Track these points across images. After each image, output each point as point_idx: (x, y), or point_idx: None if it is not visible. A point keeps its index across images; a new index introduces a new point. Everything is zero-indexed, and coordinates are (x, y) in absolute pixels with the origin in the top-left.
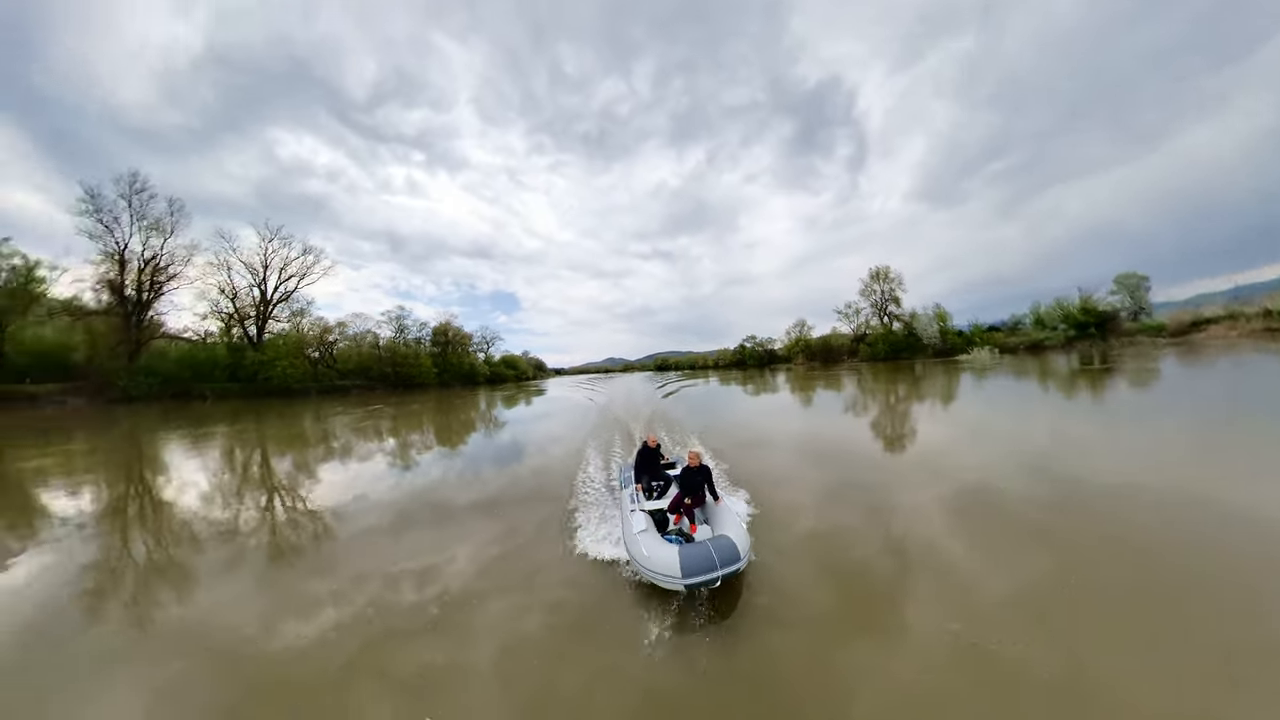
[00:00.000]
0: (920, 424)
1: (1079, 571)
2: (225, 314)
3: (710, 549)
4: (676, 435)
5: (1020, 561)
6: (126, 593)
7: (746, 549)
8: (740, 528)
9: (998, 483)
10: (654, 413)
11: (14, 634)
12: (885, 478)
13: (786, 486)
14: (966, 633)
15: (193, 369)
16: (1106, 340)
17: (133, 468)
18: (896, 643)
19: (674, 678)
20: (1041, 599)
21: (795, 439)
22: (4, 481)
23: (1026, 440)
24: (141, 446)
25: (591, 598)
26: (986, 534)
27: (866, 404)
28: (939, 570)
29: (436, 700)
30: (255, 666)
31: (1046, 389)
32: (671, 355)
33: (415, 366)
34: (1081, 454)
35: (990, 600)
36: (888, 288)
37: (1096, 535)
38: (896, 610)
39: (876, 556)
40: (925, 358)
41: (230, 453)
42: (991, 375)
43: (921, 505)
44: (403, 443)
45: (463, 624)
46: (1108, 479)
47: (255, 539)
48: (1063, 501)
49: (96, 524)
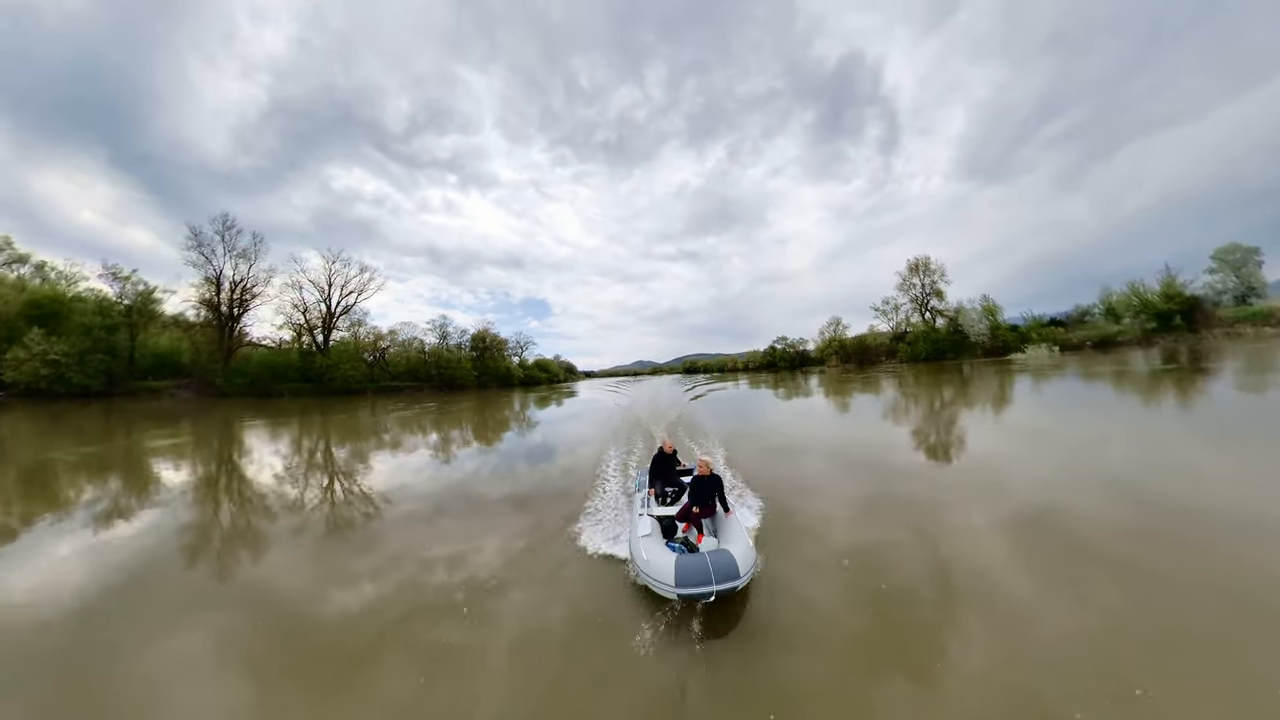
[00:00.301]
0: (965, 433)
1: (1159, 618)
2: (296, 325)
3: (708, 562)
4: (701, 442)
5: (1082, 597)
6: (211, 548)
7: (750, 567)
8: (746, 544)
9: (1049, 503)
10: (679, 416)
11: (123, 574)
12: (924, 492)
13: (814, 497)
14: (1017, 681)
15: (271, 371)
16: (1196, 332)
17: (228, 447)
18: (929, 685)
19: (652, 681)
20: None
21: (826, 446)
22: (137, 452)
23: (1089, 457)
24: (235, 431)
25: (595, 593)
26: (1040, 562)
27: (905, 410)
28: (980, 600)
29: (444, 672)
30: (303, 624)
31: (1119, 394)
32: (700, 358)
33: (458, 369)
34: (1163, 475)
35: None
36: (929, 280)
37: (1187, 576)
38: (933, 644)
39: (909, 581)
40: (973, 357)
41: (300, 439)
42: (1052, 377)
43: (963, 524)
44: (445, 437)
45: (473, 608)
46: (1199, 505)
47: (316, 512)
48: (1140, 529)
49: (198, 487)
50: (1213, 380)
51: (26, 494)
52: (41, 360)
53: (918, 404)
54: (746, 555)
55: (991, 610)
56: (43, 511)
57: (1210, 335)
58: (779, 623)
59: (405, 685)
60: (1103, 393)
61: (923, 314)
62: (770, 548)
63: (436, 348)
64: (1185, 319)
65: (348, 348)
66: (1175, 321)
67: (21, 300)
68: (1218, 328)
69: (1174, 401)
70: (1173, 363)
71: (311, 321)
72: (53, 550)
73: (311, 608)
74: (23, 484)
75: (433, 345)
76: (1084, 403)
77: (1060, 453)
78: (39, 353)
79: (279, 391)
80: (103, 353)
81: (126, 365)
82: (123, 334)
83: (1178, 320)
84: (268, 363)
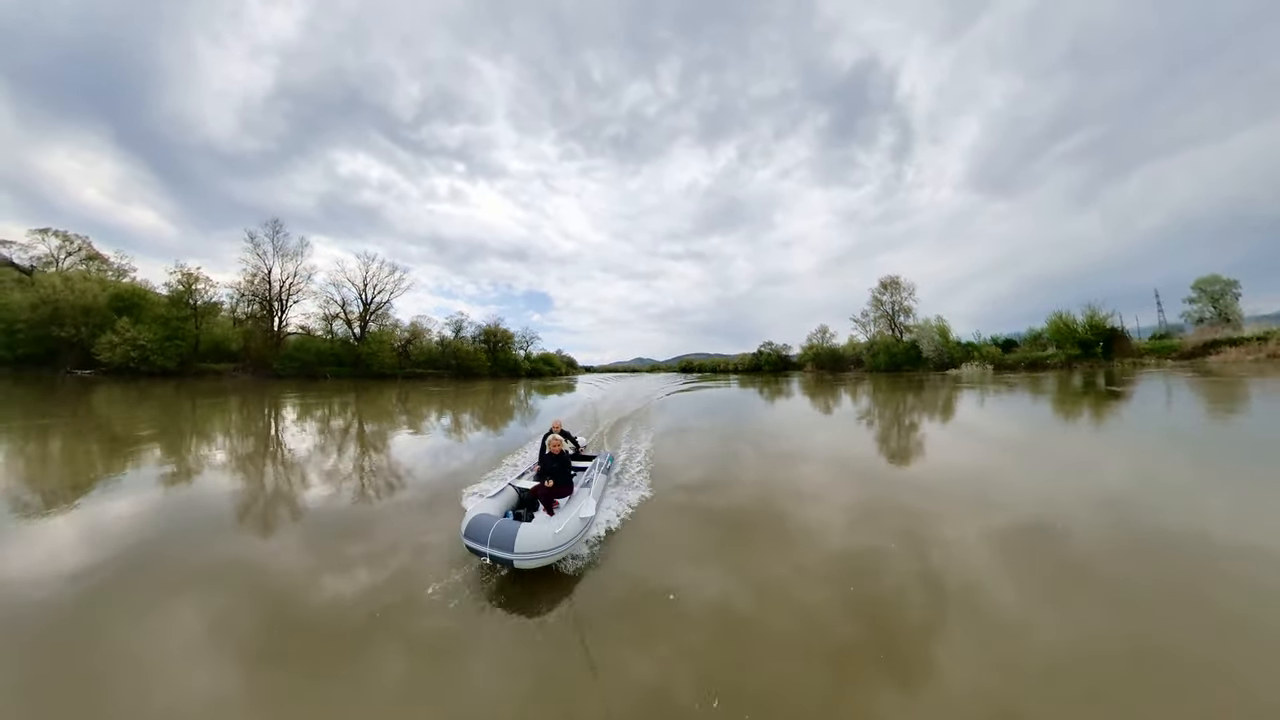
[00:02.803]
0: (883, 429)
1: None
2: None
3: (498, 528)
4: (640, 436)
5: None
6: (254, 510)
7: (545, 549)
8: (559, 528)
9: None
10: (634, 413)
11: (172, 532)
12: (819, 476)
13: (706, 493)
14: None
15: (317, 356)
16: (1111, 359)
17: (284, 418)
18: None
19: (424, 628)
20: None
21: (750, 444)
22: (204, 423)
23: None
24: (289, 405)
25: (439, 553)
26: (952, 547)
27: (835, 407)
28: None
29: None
30: (296, 606)
31: (1008, 399)
32: (700, 357)
33: (474, 360)
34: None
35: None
36: (898, 298)
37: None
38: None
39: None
40: (927, 370)
41: (346, 413)
42: (977, 390)
43: (857, 502)
44: (456, 420)
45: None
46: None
47: (350, 482)
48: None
49: (254, 455)
50: (1110, 400)
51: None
52: (131, 344)
53: (855, 404)
54: (544, 536)
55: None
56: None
57: (1121, 363)
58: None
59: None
60: (999, 396)
61: (892, 328)
62: (624, 543)
63: (455, 341)
64: (1105, 348)
65: (386, 337)
66: (1096, 349)
67: (108, 294)
68: (1129, 357)
69: (1075, 407)
70: (1090, 384)
71: (349, 313)
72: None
73: (310, 586)
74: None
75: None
76: (974, 402)
77: (931, 433)
78: (129, 338)
79: (323, 375)
80: (179, 339)
81: (192, 350)
82: (190, 323)
83: (1098, 348)
84: (313, 349)
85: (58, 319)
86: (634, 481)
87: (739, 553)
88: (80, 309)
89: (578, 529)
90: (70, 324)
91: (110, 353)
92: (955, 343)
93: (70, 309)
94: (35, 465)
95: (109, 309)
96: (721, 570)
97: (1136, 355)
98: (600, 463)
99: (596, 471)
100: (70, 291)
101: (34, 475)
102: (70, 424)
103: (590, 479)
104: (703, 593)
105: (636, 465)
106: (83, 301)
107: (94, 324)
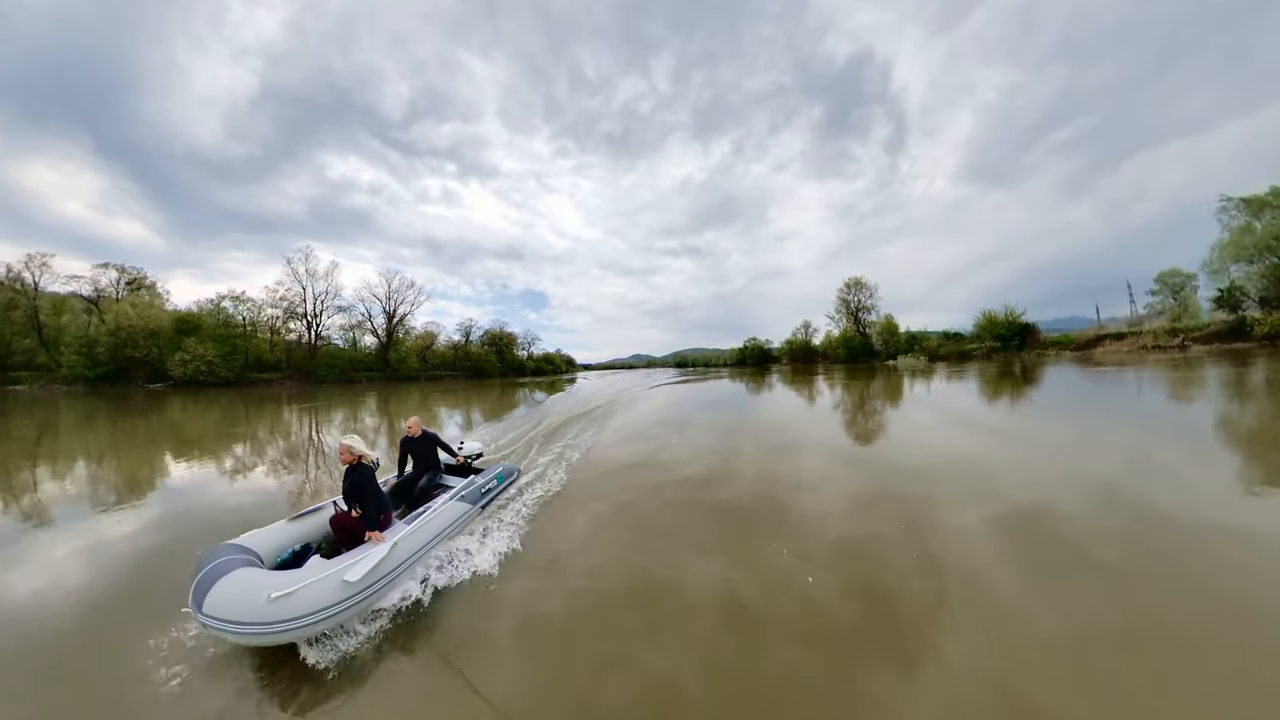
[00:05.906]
0: (813, 409)
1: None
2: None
3: (223, 580)
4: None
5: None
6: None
7: (246, 617)
8: (292, 585)
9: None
10: (606, 402)
11: (215, 511)
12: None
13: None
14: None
15: (351, 363)
16: (1026, 351)
17: (325, 413)
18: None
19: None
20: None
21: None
22: (254, 421)
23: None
24: (333, 402)
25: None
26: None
27: (779, 390)
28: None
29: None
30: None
31: (947, 383)
32: (696, 353)
33: (486, 362)
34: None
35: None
36: (860, 297)
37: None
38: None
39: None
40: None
41: (386, 407)
42: (907, 375)
43: (796, 478)
44: (468, 416)
45: None
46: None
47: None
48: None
49: (305, 444)
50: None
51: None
52: (201, 360)
53: (804, 389)
54: (254, 597)
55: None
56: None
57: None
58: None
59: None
60: (922, 382)
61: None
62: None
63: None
64: (1020, 340)
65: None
66: (1013, 342)
67: (172, 318)
68: (1038, 349)
69: (948, 382)
70: (1008, 371)
71: (376, 325)
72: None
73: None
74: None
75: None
76: (894, 383)
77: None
78: (199, 355)
79: (359, 379)
80: (235, 353)
81: (244, 362)
82: (241, 339)
83: (1015, 341)
84: (348, 357)
85: (131, 341)
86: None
87: (650, 536)
88: (148, 331)
89: (329, 596)
90: (142, 345)
91: (183, 368)
92: (901, 336)
93: (140, 332)
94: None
95: (173, 330)
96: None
97: (1044, 347)
98: (482, 483)
99: (455, 500)
100: (140, 318)
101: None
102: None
103: (436, 509)
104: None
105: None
106: (150, 325)
107: (160, 344)
